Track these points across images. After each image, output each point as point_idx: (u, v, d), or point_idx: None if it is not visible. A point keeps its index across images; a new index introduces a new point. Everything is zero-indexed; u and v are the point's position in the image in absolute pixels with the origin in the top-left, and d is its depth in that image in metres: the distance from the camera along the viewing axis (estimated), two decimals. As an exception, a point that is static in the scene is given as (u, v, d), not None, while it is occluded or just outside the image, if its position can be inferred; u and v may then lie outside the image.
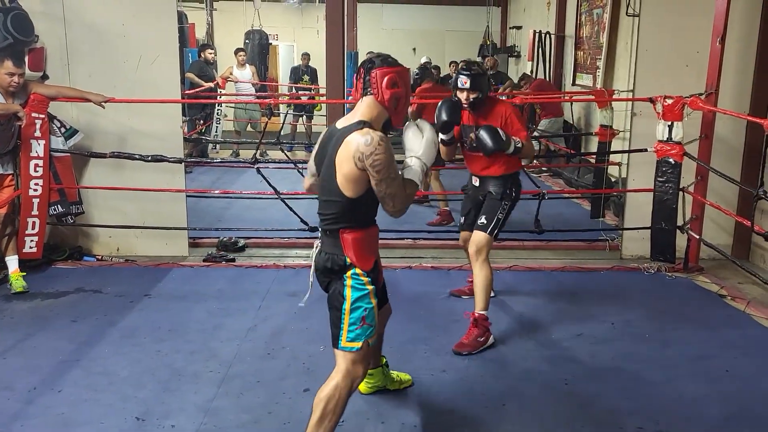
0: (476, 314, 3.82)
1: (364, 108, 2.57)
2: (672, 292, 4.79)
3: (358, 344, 2.56)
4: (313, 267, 2.71)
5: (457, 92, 3.88)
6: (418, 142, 2.65)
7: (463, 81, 3.82)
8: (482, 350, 3.76)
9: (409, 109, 4.58)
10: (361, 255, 2.60)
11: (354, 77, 2.70)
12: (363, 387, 3.24)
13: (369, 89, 2.55)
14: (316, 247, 2.70)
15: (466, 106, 3.88)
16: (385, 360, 3.28)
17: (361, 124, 2.50)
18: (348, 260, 2.58)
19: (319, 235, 2.70)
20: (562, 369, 3.58)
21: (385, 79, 2.52)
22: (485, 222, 3.95)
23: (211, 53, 10.20)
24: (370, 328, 2.59)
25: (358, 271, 2.59)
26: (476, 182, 4.09)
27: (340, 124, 2.60)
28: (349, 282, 2.58)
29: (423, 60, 11.76)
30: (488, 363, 3.63)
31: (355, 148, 2.43)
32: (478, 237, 3.94)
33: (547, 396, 3.30)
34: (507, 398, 3.27)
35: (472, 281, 4.17)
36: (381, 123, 2.59)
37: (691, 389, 3.37)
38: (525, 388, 3.38)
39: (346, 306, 2.57)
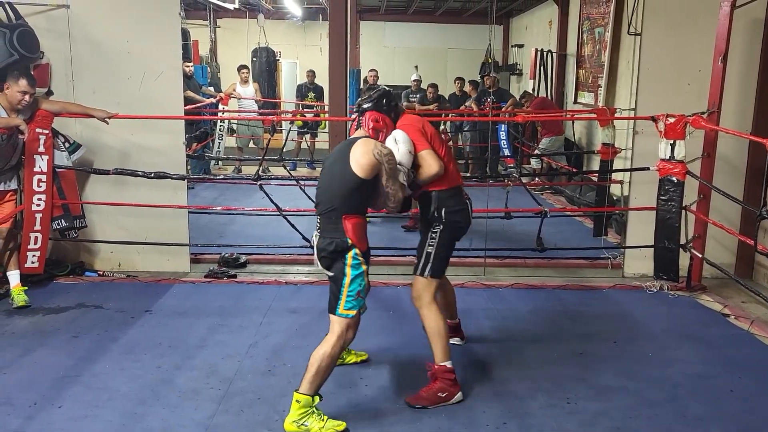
0: (435, 366, 3.37)
1: (369, 121, 3.33)
2: (675, 311, 4.78)
3: (353, 312, 3.11)
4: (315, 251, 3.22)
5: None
6: (396, 153, 3.20)
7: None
8: (445, 406, 3.32)
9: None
10: (359, 237, 3.14)
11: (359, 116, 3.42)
12: None
13: (361, 126, 3.35)
14: (316, 235, 3.22)
15: None
16: None
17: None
18: (350, 241, 3.10)
19: (317, 223, 3.21)
20: (565, 387, 3.55)
21: (372, 117, 3.31)
22: (416, 262, 3.48)
23: (188, 66, 9.70)
24: (363, 301, 3.15)
25: (358, 254, 3.12)
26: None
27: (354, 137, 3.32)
28: (350, 261, 3.11)
29: (413, 77, 11.82)
30: (489, 381, 3.61)
31: (374, 145, 3.12)
32: (414, 281, 3.48)
33: (549, 415, 3.28)
34: (508, 416, 3.25)
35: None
36: None
37: (694, 409, 3.35)
38: (527, 406, 3.36)
39: (346, 281, 3.10)
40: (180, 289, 5.08)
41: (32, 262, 4.89)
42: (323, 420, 3.06)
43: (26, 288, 4.71)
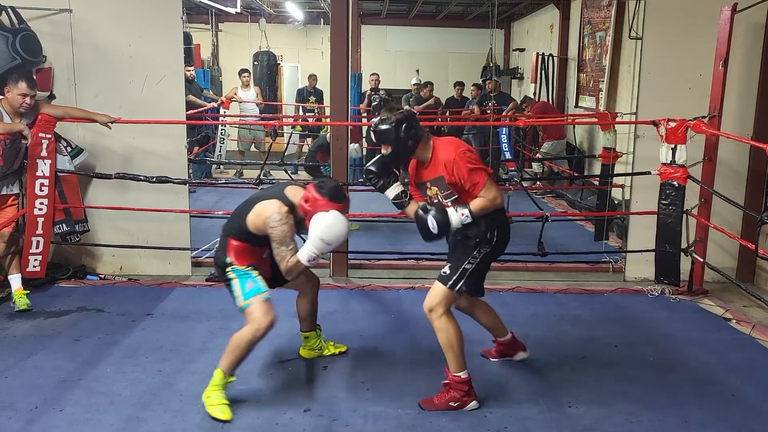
0: (449, 376, 3.33)
1: (301, 196, 3.31)
2: (676, 315, 4.77)
3: (248, 301, 3.29)
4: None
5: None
6: (313, 231, 3.20)
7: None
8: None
9: None
10: (237, 258, 3.38)
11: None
12: (304, 352, 3.90)
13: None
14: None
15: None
16: (319, 327, 3.90)
17: (285, 200, 3.30)
18: (228, 260, 3.38)
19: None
20: (566, 392, 3.55)
21: (305, 194, 3.28)
22: (447, 272, 3.29)
23: (189, 70, 9.56)
24: (255, 288, 3.31)
25: (235, 266, 3.36)
26: None
27: (287, 188, 3.39)
28: (230, 273, 3.37)
29: (413, 81, 11.85)
30: (490, 386, 3.60)
31: (268, 215, 3.25)
32: (434, 290, 3.31)
33: (550, 420, 3.27)
34: (509, 421, 3.25)
35: (496, 341, 3.84)
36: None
37: (696, 414, 3.35)
38: (528, 411, 3.35)
39: (234, 283, 3.34)
40: (181, 292, 5.08)
41: (34, 266, 4.90)
42: (221, 400, 3.26)
43: (28, 291, 4.71)
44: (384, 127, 3.25)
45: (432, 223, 3.23)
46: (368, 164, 3.42)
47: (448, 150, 3.23)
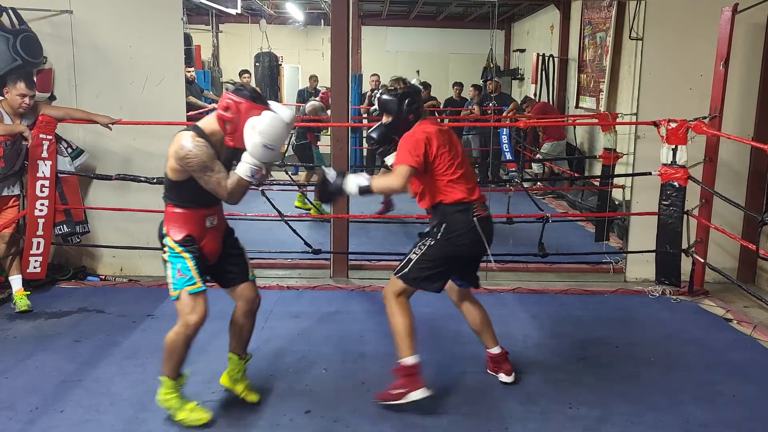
0: (397, 363, 3.31)
1: (209, 118, 2.97)
2: (677, 316, 4.77)
3: (176, 292, 3.02)
4: None
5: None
6: (250, 137, 2.81)
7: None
8: (403, 403, 3.26)
9: None
10: (173, 227, 3.04)
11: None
12: (223, 377, 3.42)
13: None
14: None
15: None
16: (248, 356, 3.41)
17: (194, 129, 2.93)
18: (164, 230, 3.06)
19: None
20: (567, 392, 3.55)
21: (222, 102, 2.87)
22: (398, 262, 3.41)
23: (189, 71, 9.44)
24: (183, 278, 3.01)
25: (170, 241, 3.03)
26: None
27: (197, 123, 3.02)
28: (166, 248, 3.05)
29: (414, 82, 11.84)
30: (491, 386, 3.61)
31: (178, 147, 2.86)
32: (390, 279, 3.41)
33: (550, 420, 3.27)
34: (510, 422, 3.25)
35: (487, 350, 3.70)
36: (219, 136, 2.93)
37: (697, 414, 3.34)
38: (528, 411, 3.35)
39: (168, 266, 3.05)
40: (182, 293, 5.07)
41: (34, 267, 4.90)
42: (186, 407, 3.13)
43: (28, 292, 4.71)
44: (388, 97, 3.33)
45: (328, 177, 3.23)
46: (370, 130, 3.48)
47: (411, 130, 3.29)
